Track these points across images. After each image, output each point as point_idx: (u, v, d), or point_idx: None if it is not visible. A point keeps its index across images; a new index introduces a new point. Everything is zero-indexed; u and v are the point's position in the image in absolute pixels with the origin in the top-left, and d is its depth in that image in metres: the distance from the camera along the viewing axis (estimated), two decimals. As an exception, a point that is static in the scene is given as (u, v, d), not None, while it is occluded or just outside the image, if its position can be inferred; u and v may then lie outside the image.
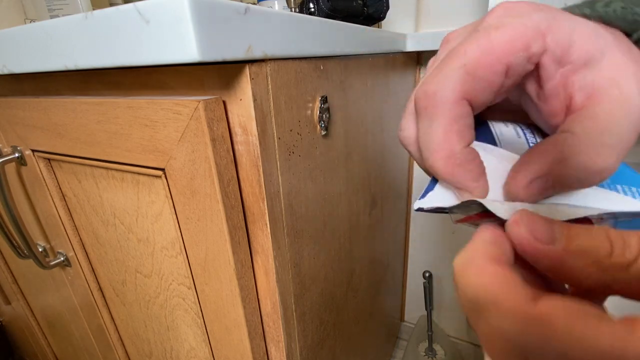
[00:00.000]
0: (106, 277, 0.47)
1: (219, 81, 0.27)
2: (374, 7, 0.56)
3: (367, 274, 0.64)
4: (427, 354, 0.97)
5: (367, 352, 0.73)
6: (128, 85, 0.32)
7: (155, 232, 0.35)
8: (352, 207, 0.51)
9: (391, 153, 0.69)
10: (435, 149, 0.13)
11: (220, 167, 0.27)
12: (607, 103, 0.12)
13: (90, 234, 0.44)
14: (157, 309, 0.42)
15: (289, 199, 0.33)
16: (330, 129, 0.40)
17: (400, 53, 0.68)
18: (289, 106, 0.31)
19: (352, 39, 0.41)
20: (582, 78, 0.13)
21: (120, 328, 0.52)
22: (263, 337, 0.37)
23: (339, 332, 0.53)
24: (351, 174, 0.49)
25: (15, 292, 0.68)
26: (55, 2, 0.60)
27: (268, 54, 0.26)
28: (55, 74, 0.37)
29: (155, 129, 0.28)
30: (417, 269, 1.01)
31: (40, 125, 0.37)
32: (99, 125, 0.32)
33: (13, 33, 0.29)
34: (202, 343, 0.40)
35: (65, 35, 0.25)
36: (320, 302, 0.44)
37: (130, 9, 0.21)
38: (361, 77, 0.47)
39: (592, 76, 0.13)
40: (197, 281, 0.35)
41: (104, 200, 0.38)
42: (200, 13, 0.20)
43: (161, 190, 0.32)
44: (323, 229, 0.42)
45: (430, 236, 0.97)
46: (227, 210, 0.29)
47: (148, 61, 0.22)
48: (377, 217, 0.66)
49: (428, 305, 0.92)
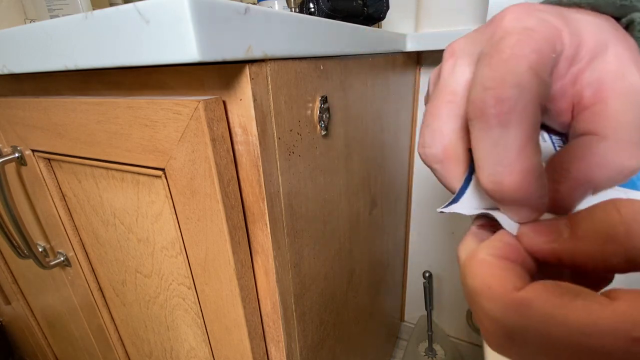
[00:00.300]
0: (106, 277, 0.47)
1: (219, 81, 0.27)
2: (374, 7, 0.56)
3: (367, 274, 0.64)
4: (427, 354, 0.97)
5: (367, 352, 0.73)
6: (128, 85, 0.32)
7: (155, 232, 0.35)
8: (352, 207, 0.51)
9: (391, 153, 0.69)
10: (513, 161, 0.11)
11: (220, 167, 0.27)
12: (615, 98, 0.12)
13: (90, 234, 0.44)
14: (157, 309, 0.42)
15: (289, 199, 0.33)
16: (330, 129, 0.40)
17: (400, 53, 0.68)
18: (289, 106, 0.31)
19: (352, 39, 0.41)
20: (589, 75, 0.13)
21: (120, 328, 0.52)
22: (263, 337, 0.37)
23: (339, 332, 0.53)
24: (351, 174, 0.49)
25: (15, 292, 0.68)
26: (55, 2, 0.60)
27: (268, 54, 0.26)
28: (55, 74, 0.37)
29: (155, 129, 0.28)
30: (417, 269, 1.01)
31: (40, 125, 0.37)
32: (99, 125, 0.32)
33: (13, 33, 0.29)
34: (202, 343, 0.40)
35: (65, 35, 0.25)
36: (320, 302, 0.44)
37: (130, 9, 0.21)
38: (361, 77, 0.47)
39: (598, 71, 0.13)
40: (197, 281, 0.35)
41: (104, 200, 0.38)
42: (200, 13, 0.20)
43: (161, 190, 0.32)
44: (323, 228, 0.42)
45: (430, 236, 0.97)
46: (227, 210, 0.29)
47: (148, 61, 0.22)
48: (377, 217, 0.66)
49: (428, 305, 0.92)
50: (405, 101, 0.76)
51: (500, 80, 0.11)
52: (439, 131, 0.15)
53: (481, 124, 0.12)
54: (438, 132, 0.15)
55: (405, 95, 0.75)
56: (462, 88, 0.14)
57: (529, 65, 0.11)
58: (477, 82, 0.12)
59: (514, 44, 0.12)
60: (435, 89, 0.15)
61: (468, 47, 0.14)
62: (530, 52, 0.11)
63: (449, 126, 0.14)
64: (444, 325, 1.05)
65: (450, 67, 0.15)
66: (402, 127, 0.76)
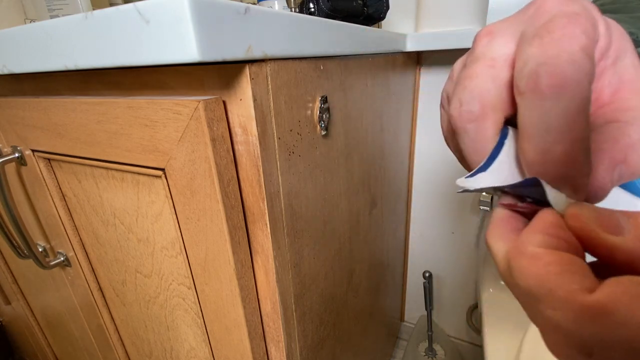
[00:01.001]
0: (106, 277, 0.47)
1: (219, 81, 0.27)
2: (374, 7, 0.56)
3: (367, 274, 0.64)
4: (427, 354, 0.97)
5: (367, 352, 0.73)
6: (128, 85, 0.32)
7: (155, 232, 0.35)
8: (352, 207, 0.51)
9: (391, 153, 0.69)
10: (564, 130, 0.12)
11: (220, 167, 0.27)
12: (636, 96, 0.13)
13: (90, 234, 0.44)
14: (157, 309, 0.42)
15: (289, 199, 0.33)
16: (330, 129, 0.40)
17: (400, 53, 0.68)
18: (289, 106, 0.31)
19: (352, 39, 0.41)
20: (611, 75, 0.13)
21: (120, 328, 0.52)
22: (263, 337, 0.37)
23: (339, 332, 0.53)
24: (351, 174, 0.49)
25: (15, 292, 0.68)
26: (55, 2, 0.60)
27: (268, 54, 0.26)
28: (55, 74, 0.37)
29: (155, 129, 0.28)
30: (417, 269, 1.02)
31: (40, 125, 0.37)
32: (99, 125, 0.32)
33: (13, 33, 0.29)
34: (202, 343, 0.40)
35: (65, 35, 0.25)
36: (320, 302, 0.44)
37: (130, 9, 0.21)
38: (361, 77, 0.47)
39: (619, 74, 0.13)
40: (197, 281, 0.35)
41: (104, 200, 0.38)
42: (200, 13, 0.20)
43: (161, 190, 0.32)
44: (323, 229, 0.42)
45: (430, 236, 0.97)
46: (227, 210, 0.29)
47: (148, 61, 0.22)
48: (377, 217, 0.66)
49: (428, 305, 0.92)
50: (405, 101, 0.76)
51: (555, 57, 0.12)
52: (479, 89, 0.14)
53: (534, 95, 0.12)
54: (477, 90, 0.14)
55: (405, 95, 0.75)
56: (502, 58, 0.14)
57: (580, 46, 0.12)
58: (528, 58, 0.12)
59: (564, 25, 0.12)
60: (470, 59, 0.15)
61: (507, 27, 0.14)
62: (581, 34, 0.12)
63: (489, 85, 0.14)
64: (444, 325, 1.05)
65: (486, 42, 0.15)
66: (402, 127, 0.76)
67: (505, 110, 0.14)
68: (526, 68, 0.12)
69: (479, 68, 0.14)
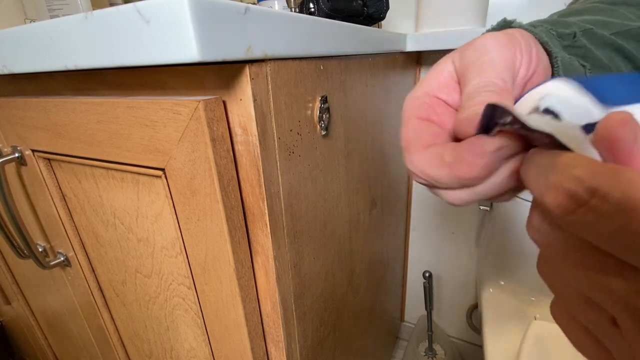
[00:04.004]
0: (106, 277, 0.47)
1: (219, 81, 0.27)
2: (374, 7, 0.56)
3: (367, 274, 0.64)
4: (427, 354, 0.97)
5: (367, 352, 0.73)
6: (128, 85, 0.32)
7: (155, 232, 0.35)
8: (352, 207, 0.51)
9: (391, 153, 0.69)
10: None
11: (220, 167, 0.27)
12: None
13: (90, 234, 0.44)
14: (157, 309, 0.42)
15: (289, 199, 0.33)
16: (330, 129, 0.40)
17: (400, 53, 0.68)
18: (289, 106, 0.31)
19: (352, 39, 0.41)
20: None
21: (120, 328, 0.52)
22: (263, 337, 0.37)
23: (339, 332, 0.53)
24: (351, 174, 0.49)
25: (15, 292, 0.68)
26: (55, 2, 0.60)
27: (268, 54, 0.26)
28: (55, 74, 0.37)
29: (155, 129, 0.28)
30: (417, 269, 1.01)
31: (40, 125, 0.37)
32: (99, 125, 0.32)
33: (13, 33, 0.29)
34: (202, 343, 0.40)
35: (65, 35, 0.25)
36: (320, 302, 0.44)
37: (130, 9, 0.21)
38: (361, 77, 0.47)
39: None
40: (197, 281, 0.35)
41: (104, 200, 0.38)
42: (200, 13, 0.20)
43: (161, 190, 0.32)
44: (323, 229, 0.42)
45: (430, 236, 0.97)
46: (227, 210, 0.29)
47: (148, 61, 0.22)
48: (377, 217, 0.66)
49: (428, 305, 0.92)
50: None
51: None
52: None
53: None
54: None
55: (405, 95, 0.75)
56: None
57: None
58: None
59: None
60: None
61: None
62: None
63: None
64: (444, 325, 1.05)
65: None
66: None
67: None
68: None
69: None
